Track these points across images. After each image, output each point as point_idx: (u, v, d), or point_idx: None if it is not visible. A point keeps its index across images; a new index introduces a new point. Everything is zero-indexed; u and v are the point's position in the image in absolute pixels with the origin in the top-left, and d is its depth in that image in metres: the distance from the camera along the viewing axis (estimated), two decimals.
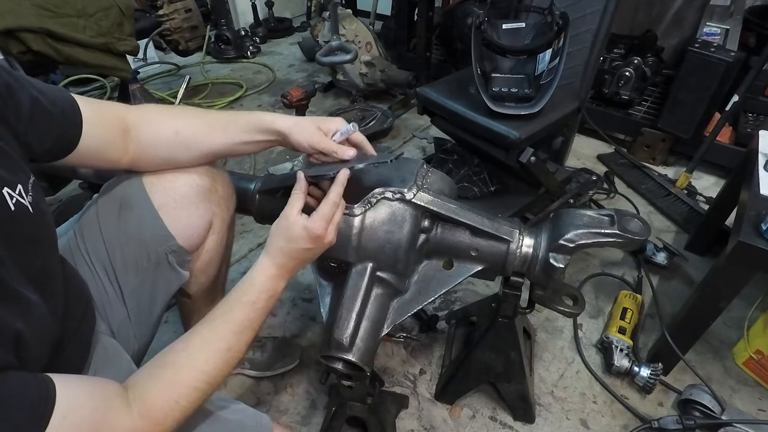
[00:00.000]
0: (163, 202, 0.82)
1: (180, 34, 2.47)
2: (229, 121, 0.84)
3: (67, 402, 0.49)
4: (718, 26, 2.19)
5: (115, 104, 0.78)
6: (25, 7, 1.72)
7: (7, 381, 0.46)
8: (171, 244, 0.84)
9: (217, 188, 0.89)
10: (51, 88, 0.67)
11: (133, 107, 0.80)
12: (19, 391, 0.46)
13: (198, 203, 0.86)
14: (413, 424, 1.22)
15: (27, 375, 0.49)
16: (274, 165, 2.15)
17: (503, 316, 1.01)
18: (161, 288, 0.87)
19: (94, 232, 0.82)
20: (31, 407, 0.46)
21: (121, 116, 0.76)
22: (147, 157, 0.80)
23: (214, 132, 0.83)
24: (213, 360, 0.64)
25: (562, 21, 1.34)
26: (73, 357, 0.71)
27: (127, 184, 0.83)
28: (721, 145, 1.92)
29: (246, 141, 0.84)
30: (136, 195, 0.82)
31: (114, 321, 0.83)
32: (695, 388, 1.20)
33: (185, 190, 0.84)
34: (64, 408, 0.48)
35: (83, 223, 0.83)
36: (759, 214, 0.99)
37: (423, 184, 0.88)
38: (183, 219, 0.84)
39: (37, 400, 0.47)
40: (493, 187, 1.70)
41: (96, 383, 0.57)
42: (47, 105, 0.64)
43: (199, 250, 0.92)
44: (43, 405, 0.47)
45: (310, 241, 0.72)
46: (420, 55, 2.57)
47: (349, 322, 0.83)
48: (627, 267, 1.65)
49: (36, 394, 0.47)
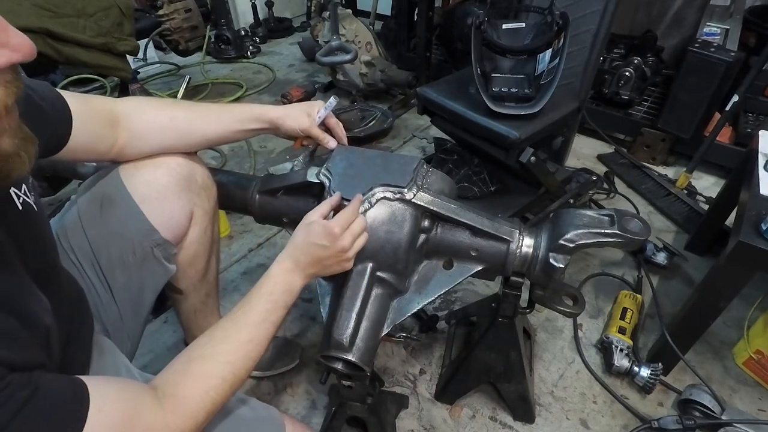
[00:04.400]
0: (145, 193, 0.82)
1: (180, 34, 2.47)
2: (222, 111, 0.88)
3: (100, 399, 0.50)
4: (718, 26, 2.19)
5: (101, 97, 0.80)
6: (25, 7, 1.72)
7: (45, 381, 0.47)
8: (155, 238, 0.84)
9: (196, 178, 0.90)
10: (38, 84, 0.67)
11: (121, 99, 0.81)
12: (57, 390, 0.47)
13: (179, 192, 0.86)
14: (413, 424, 1.22)
15: (58, 375, 0.49)
16: (274, 165, 2.15)
17: (503, 316, 1.01)
18: (149, 283, 0.87)
19: (77, 232, 0.81)
20: (69, 405, 0.47)
21: (109, 108, 0.77)
22: (137, 145, 0.81)
23: (208, 120, 0.86)
24: (235, 351, 0.66)
25: (562, 21, 1.34)
26: (77, 357, 0.71)
27: (106, 181, 0.83)
28: (721, 145, 1.92)
29: (239, 130, 0.89)
30: (116, 191, 0.82)
31: (107, 320, 0.84)
32: (695, 388, 1.20)
33: (166, 180, 0.84)
34: (98, 404, 0.49)
35: (65, 224, 0.83)
36: (759, 214, 0.99)
37: (423, 184, 0.88)
38: (166, 210, 0.85)
39: (72, 398, 0.48)
40: (493, 187, 1.70)
41: (123, 382, 0.58)
42: (38, 101, 0.64)
43: (183, 242, 0.92)
44: (78, 402, 0.48)
45: (325, 237, 0.74)
46: (420, 55, 2.57)
47: (349, 322, 0.83)
48: (627, 267, 1.65)
49: (71, 392, 0.48)
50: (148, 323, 0.96)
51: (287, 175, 1.03)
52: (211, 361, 0.64)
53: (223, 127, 0.87)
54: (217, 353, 0.65)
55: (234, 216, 1.83)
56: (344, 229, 0.75)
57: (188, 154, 0.89)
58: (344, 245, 0.76)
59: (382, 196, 0.84)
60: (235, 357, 0.65)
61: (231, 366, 0.64)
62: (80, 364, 0.72)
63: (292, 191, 0.98)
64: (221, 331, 0.68)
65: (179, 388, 0.59)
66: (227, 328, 0.68)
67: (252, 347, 0.68)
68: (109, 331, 0.84)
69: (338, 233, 0.74)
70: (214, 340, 0.66)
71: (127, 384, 0.58)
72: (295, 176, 0.99)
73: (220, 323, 0.69)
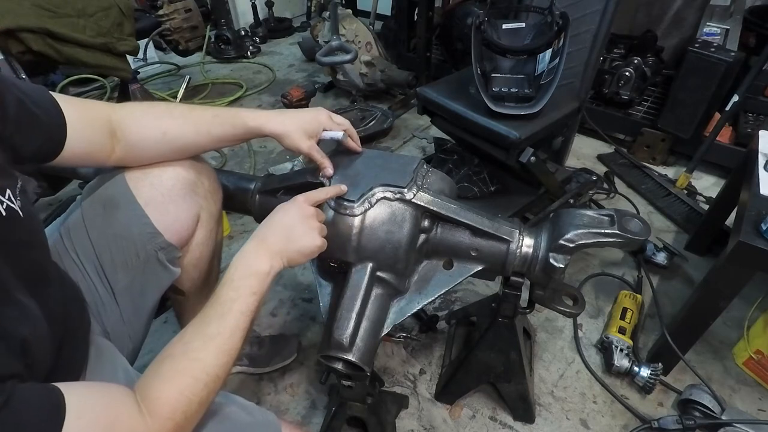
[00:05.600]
0: (150, 196, 0.82)
1: (180, 34, 2.47)
2: (215, 123, 0.85)
3: (77, 405, 0.49)
4: (718, 26, 2.20)
5: (98, 104, 0.77)
6: (25, 7, 1.72)
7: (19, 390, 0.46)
8: (159, 242, 0.83)
9: (203, 181, 0.89)
10: (33, 89, 0.66)
11: (118, 105, 0.80)
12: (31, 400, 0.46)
13: (185, 196, 0.85)
14: (413, 424, 1.22)
15: (34, 384, 0.49)
16: (274, 165, 2.15)
17: (503, 316, 1.01)
18: (152, 285, 0.86)
19: (80, 233, 0.81)
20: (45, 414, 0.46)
21: (106, 116, 0.76)
22: (134, 155, 0.80)
23: (200, 134, 0.84)
24: (204, 347, 0.63)
25: (562, 21, 1.34)
26: (72, 360, 0.70)
27: (111, 183, 0.82)
28: (721, 145, 1.92)
29: (232, 140, 0.88)
30: (121, 194, 0.81)
31: (108, 321, 0.83)
32: (695, 388, 1.20)
33: (171, 183, 0.84)
34: (76, 411, 0.48)
35: (69, 225, 0.83)
36: (759, 214, 0.99)
37: (423, 184, 0.88)
38: (171, 213, 0.84)
39: (49, 406, 0.47)
40: (493, 187, 1.70)
41: (102, 386, 0.57)
42: (31, 107, 0.63)
43: (189, 245, 0.92)
44: (55, 410, 0.47)
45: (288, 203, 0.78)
46: (420, 55, 2.57)
47: (349, 322, 0.83)
48: (627, 267, 1.65)
49: (47, 400, 0.47)
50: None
51: (287, 175, 1.03)
52: (181, 359, 0.61)
53: (215, 139, 0.85)
54: (186, 351, 0.62)
55: (234, 216, 1.83)
56: (309, 200, 0.79)
57: (194, 157, 0.89)
58: (305, 208, 0.78)
59: (382, 196, 0.84)
60: (204, 354, 0.62)
61: (201, 363, 0.61)
62: (76, 365, 0.71)
63: (293, 191, 0.97)
64: (191, 328, 0.65)
65: (152, 390, 0.57)
66: (195, 323, 0.65)
67: (222, 341, 0.64)
68: (110, 333, 0.83)
69: (301, 199, 0.79)
70: (184, 338, 0.64)
71: (107, 389, 0.56)
72: (295, 176, 0.99)
73: (192, 320, 0.66)
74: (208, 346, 0.63)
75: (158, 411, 0.56)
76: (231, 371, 0.67)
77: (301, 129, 0.87)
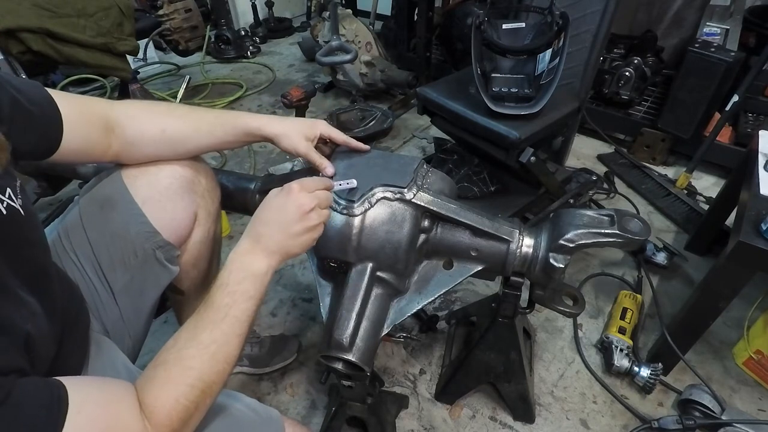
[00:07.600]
0: (147, 195, 0.82)
1: (180, 34, 2.47)
2: (216, 123, 0.85)
3: (79, 399, 0.49)
4: (718, 26, 2.19)
5: (96, 100, 0.77)
6: (25, 7, 1.72)
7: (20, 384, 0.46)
8: (157, 240, 0.83)
9: (201, 179, 0.89)
10: (28, 86, 0.66)
11: (117, 102, 0.79)
12: (32, 393, 0.46)
13: (182, 194, 0.85)
14: (413, 424, 1.22)
15: (36, 378, 0.49)
16: (274, 165, 2.15)
17: (503, 316, 1.01)
18: (151, 284, 0.86)
19: (78, 233, 0.81)
20: (47, 407, 0.46)
21: (104, 113, 0.75)
22: (131, 153, 0.80)
23: (200, 133, 0.84)
24: (199, 355, 0.60)
25: (562, 21, 1.34)
26: (72, 357, 0.70)
27: (108, 182, 0.82)
28: (721, 145, 1.92)
29: (232, 142, 0.87)
30: (118, 192, 0.81)
31: (107, 320, 0.83)
32: (695, 388, 1.20)
33: (168, 182, 0.84)
34: (78, 404, 0.48)
35: (67, 224, 0.83)
36: (759, 214, 0.99)
37: (423, 184, 0.88)
38: (168, 212, 0.84)
39: (50, 400, 0.47)
40: (493, 187, 1.70)
41: (105, 381, 0.57)
42: (27, 104, 0.62)
43: (187, 243, 0.91)
44: (56, 404, 0.47)
45: (282, 195, 0.70)
46: (420, 55, 2.57)
47: (349, 322, 0.83)
48: (627, 267, 1.65)
49: (48, 395, 0.47)
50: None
51: (287, 175, 1.03)
52: (176, 367, 0.59)
53: (215, 140, 0.85)
54: (181, 358, 0.60)
55: (234, 216, 1.84)
56: (304, 188, 0.71)
57: (193, 156, 0.88)
58: (303, 201, 0.69)
59: (382, 196, 0.84)
60: (199, 362, 0.60)
61: (196, 371, 0.59)
62: (76, 361, 0.71)
63: None
64: (185, 333, 0.63)
65: (148, 395, 0.57)
66: (190, 329, 0.63)
67: (217, 348, 0.61)
68: (109, 332, 0.83)
69: (296, 189, 0.70)
70: (179, 344, 0.61)
71: (108, 384, 0.56)
72: (295, 176, 0.99)
73: (186, 324, 0.64)
74: (203, 354, 0.61)
75: (154, 416, 0.56)
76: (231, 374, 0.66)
77: (299, 131, 0.87)
